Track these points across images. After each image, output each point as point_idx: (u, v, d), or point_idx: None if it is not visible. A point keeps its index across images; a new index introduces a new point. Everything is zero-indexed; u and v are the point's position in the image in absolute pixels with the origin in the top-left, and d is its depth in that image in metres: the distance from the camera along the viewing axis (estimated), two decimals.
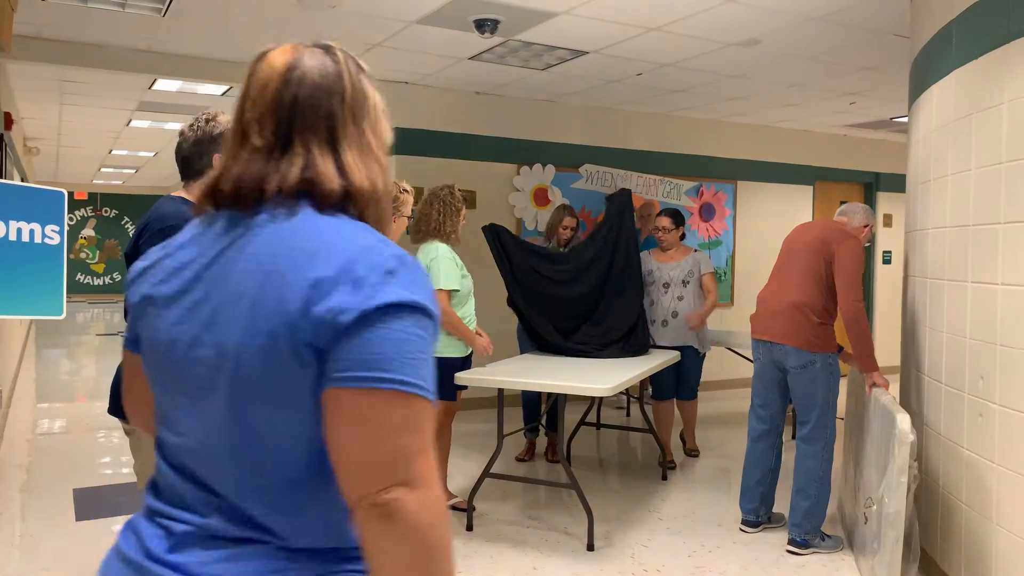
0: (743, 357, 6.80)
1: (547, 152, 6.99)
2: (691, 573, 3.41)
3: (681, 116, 7.60)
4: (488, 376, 3.79)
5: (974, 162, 2.90)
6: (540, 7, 4.37)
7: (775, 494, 3.87)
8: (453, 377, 3.83)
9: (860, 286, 3.52)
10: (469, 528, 3.85)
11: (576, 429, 5.34)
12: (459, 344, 3.87)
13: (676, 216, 5.01)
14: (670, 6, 4.32)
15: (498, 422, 3.94)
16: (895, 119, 7.54)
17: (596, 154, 7.23)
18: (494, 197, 6.77)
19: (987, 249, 2.79)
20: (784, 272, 3.70)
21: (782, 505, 3.93)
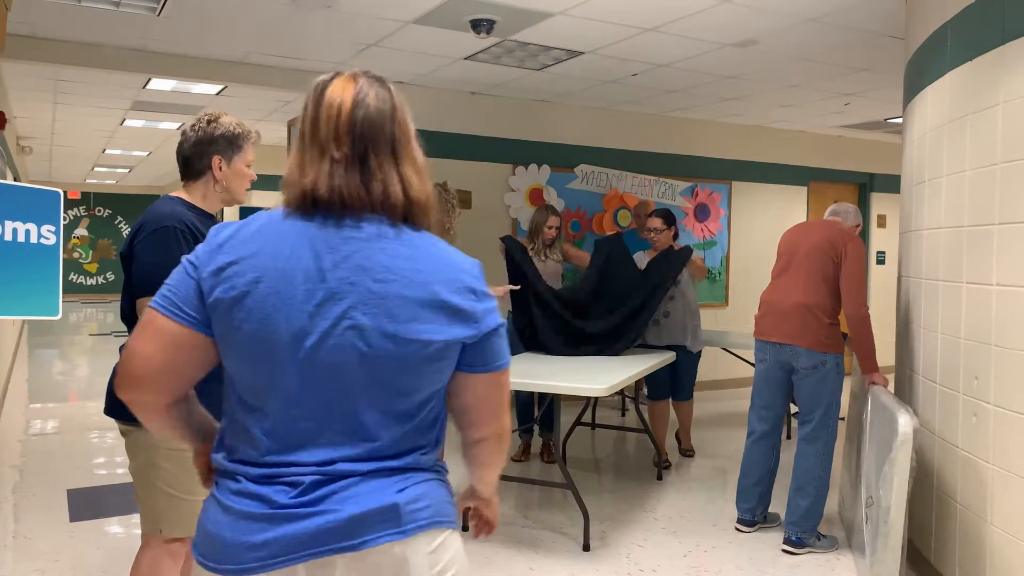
0: (738, 357, 6.82)
1: (542, 152, 7.00)
2: (686, 573, 3.41)
3: (676, 117, 7.62)
4: None
5: (969, 163, 2.91)
6: (536, 7, 4.37)
7: (772, 494, 3.88)
8: None
9: (865, 288, 3.55)
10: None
11: (572, 429, 5.34)
12: None
13: (667, 216, 5.01)
14: (666, 7, 4.33)
15: None
16: (889, 120, 7.57)
17: (591, 154, 7.23)
18: (489, 197, 6.77)
19: (982, 250, 2.80)
20: (789, 273, 3.67)
21: (777, 505, 3.94)
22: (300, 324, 1.18)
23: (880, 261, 8.95)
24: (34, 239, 2.09)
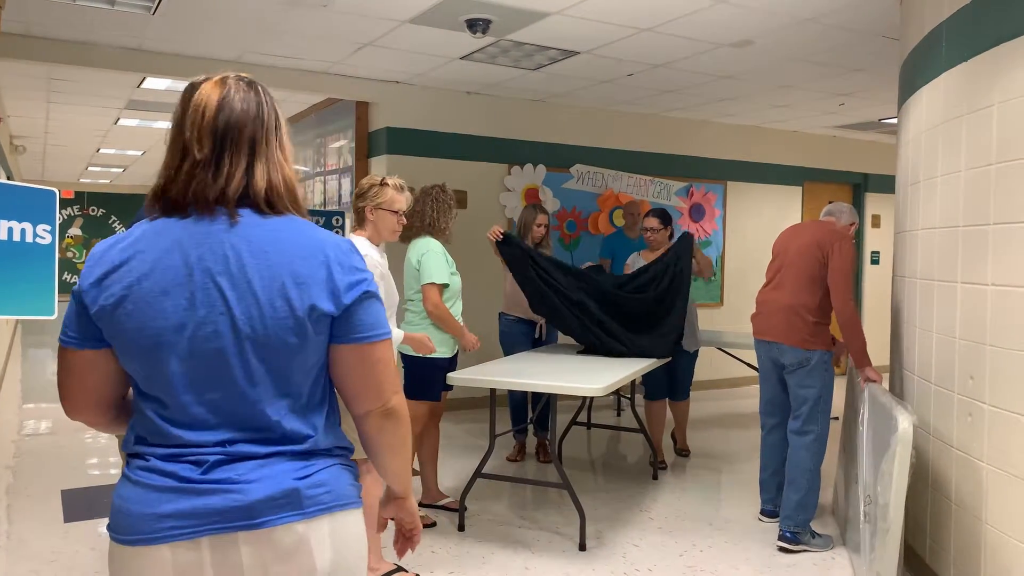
0: (733, 357, 6.84)
1: (538, 152, 7.00)
2: (682, 573, 3.41)
3: (672, 117, 7.62)
4: (479, 376, 3.78)
5: (964, 163, 2.92)
6: (532, 7, 4.37)
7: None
8: (439, 378, 3.82)
9: (852, 286, 3.62)
10: (461, 528, 3.85)
11: (567, 429, 5.34)
12: (448, 343, 3.86)
13: (664, 216, 4.99)
14: (662, 7, 4.33)
15: (490, 422, 3.94)
16: (883, 120, 7.59)
17: (587, 154, 7.23)
18: (485, 197, 6.77)
19: (977, 250, 2.81)
20: (779, 274, 3.80)
21: None
22: (177, 317, 1.27)
23: (874, 261, 8.97)
24: (29, 238, 2.07)
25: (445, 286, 3.81)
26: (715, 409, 6.93)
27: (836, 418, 3.85)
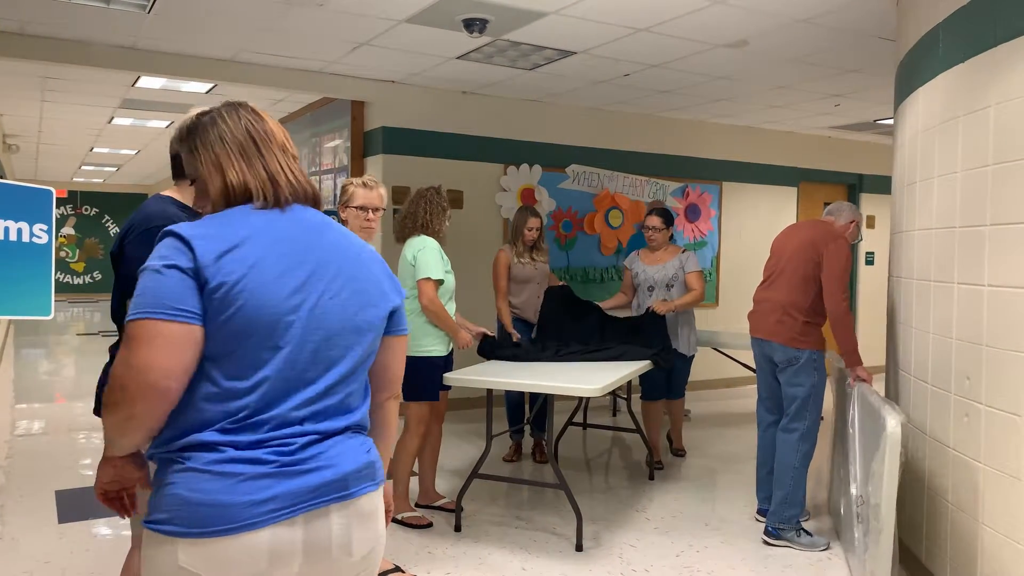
0: (728, 357, 6.84)
1: (534, 152, 6.99)
2: (679, 573, 3.41)
3: (668, 117, 7.63)
4: (476, 377, 3.78)
5: (960, 164, 2.92)
6: (530, 7, 4.36)
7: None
8: (436, 377, 3.81)
9: (846, 286, 3.62)
10: (457, 529, 3.84)
11: (563, 429, 5.34)
12: (443, 341, 3.85)
13: (666, 215, 4.97)
14: (659, 7, 4.33)
15: (487, 423, 3.93)
16: (879, 121, 7.61)
17: (583, 154, 7.23)
18: (481, 197, 6.76)
19: (973, 251, 2.82)
20: (774, 273, 3.83)
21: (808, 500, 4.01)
22: (294, 300, 1.36)
23: (869, 262, 8.99)
24: (26, 238, 2.06)
25: (440, 282, 3.81)
26: (711, 409, 6.94)
27: (822, 418, 3.88)
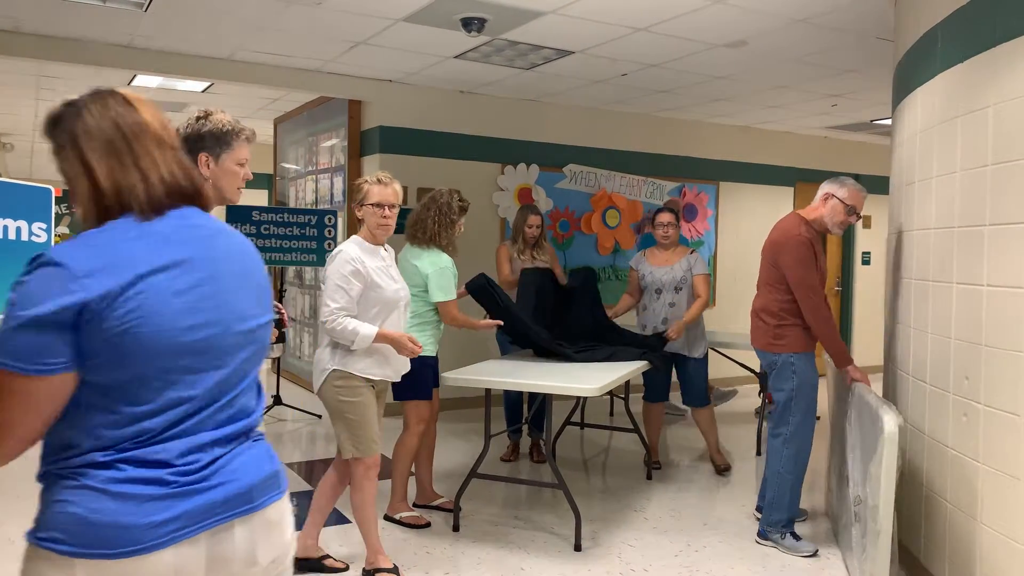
0: (726, 357, 6.84)
1: (531, 152, 6.99)
2: (678, 572, 3.41)
3: (665, 117, 7.63)
4: (475, 376, 3.77)
5: (960, 164, 2.93)
6: (528, 6, 4.36)
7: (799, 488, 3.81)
8: (429, 376, 3.81)
9: (814, 286, 3.49)
10: (455, 529, 3.83)
11: (561, 429, 5.34)
12: (434, 342, 3.85)
13: (676, 212, 4.85)
14: (657, 7, 4.33)
15: (485, 422, 3.93)
16: (875, 122, 7.63)
17: (580, 154, 7.23)
18: (478, 196, 6.75)
19: (972, 251, 2.82)
20: (758, 278, 3.82)
21: (807, 501, 3.99)
22: (192, 317, 1.30)
23: (865, 262, 9.01)
24: (25, 236, 2.05)
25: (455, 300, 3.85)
26: None
27: (818, 418, 3.85)
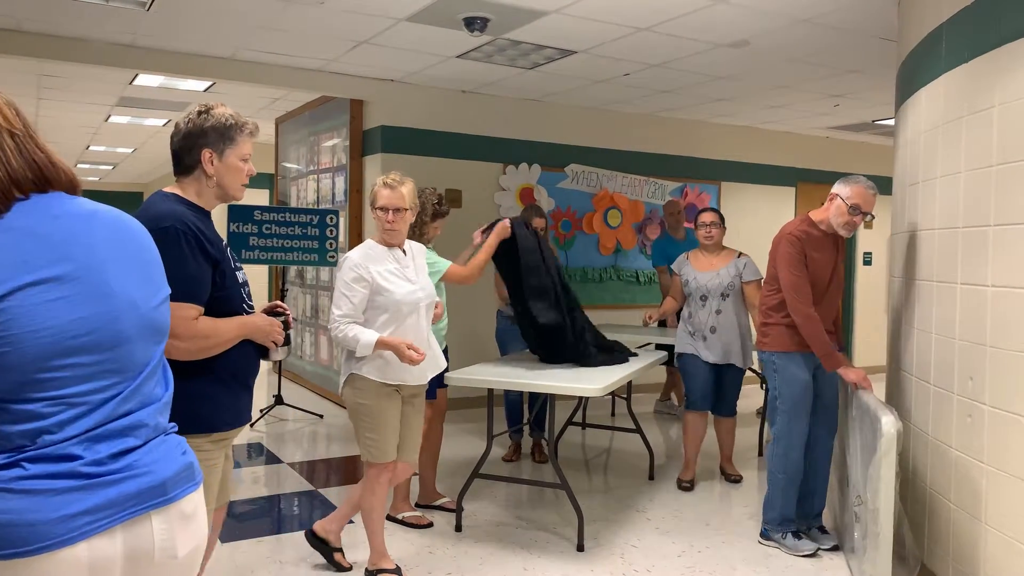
0: None
1: (533, 151, 6.98)
2: (681, 573, 3.41)
3: (667, 117, 7.63)
4: (477, 377, 3.76)
5: (964, 165, 2.92)
6: (530, 6, 4.35)
7: (814, 500, 3.75)
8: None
9: (795, 284, 3.45)
10: (458, 529, 3.83)
11: (563, 429, 5.33)
12: (438, 341, 3.84)
13: (718, 212, 4.60)
14: (660, 6, 4.32)
15: (488, 423, 3.92)
16: (877, 122, 7.62)
17: (582, 154, 7.23)
18: (480, 196, 6.75)
19: (977, 251, 2.81)
20: None
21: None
22: (82, 309, 1.26)
23: (867, 262, 9.00)
24: None
25: None
26: None
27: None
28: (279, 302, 2.35)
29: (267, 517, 4.06)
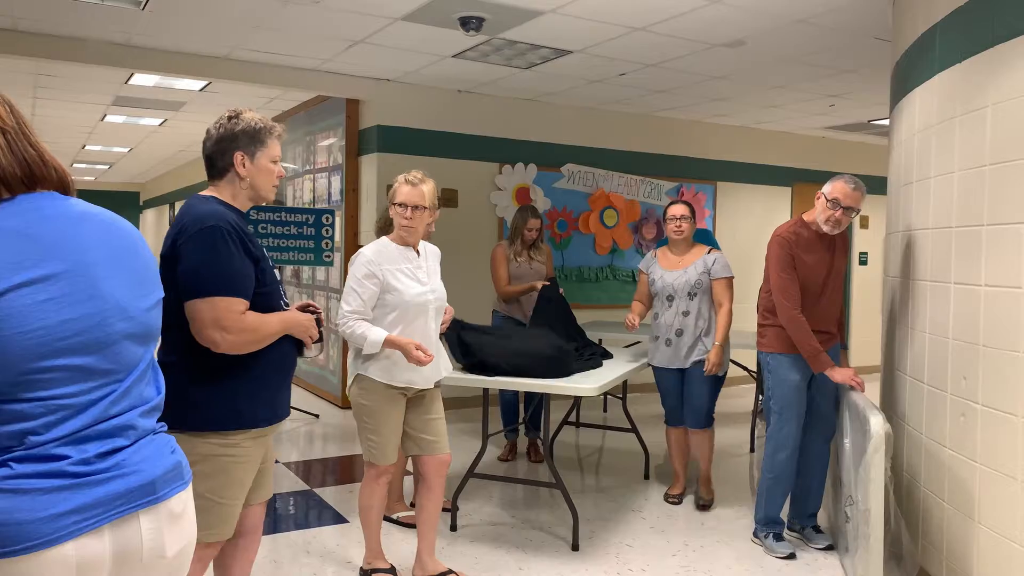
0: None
1: (529, 151, 6.99)
2: (676, 572, 3.41)
3: (663, 117, 7.63)
4: (472, 376, 3.76)
5: (958, 165, 2.93)
6: (526, 5, 4.35)
7: (809, 501, 3.75)
8: None
9: (781, 285, 3.46)
10: (453, 528, 3.83)
11: (559, 429, 5.34)
12: None
13: (690, 204, 4.23)
14: (656, 6, 4.33)
15: (483, 422, 3.92)
16: (873, 122, 7.63)
17: (578, 154, 7.23)
18: (476, 196, 6.75)
19: (970, 250, 2.82)
20: None
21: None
22: (72, 310, 1.26)
23: (863, 262, 9.02)
24: None
25: None
26: None
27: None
28: (311, 301, 2.41)
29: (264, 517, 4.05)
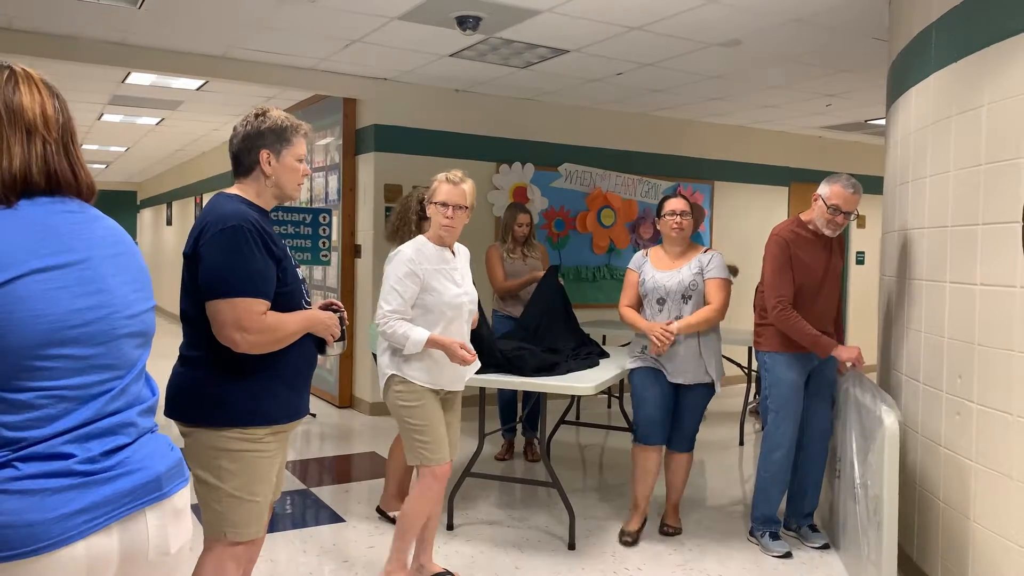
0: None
1: (526, 151, 6.99)
2: (672, 571, 3.41)
3: (660, 116, 7.64)
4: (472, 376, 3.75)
5: (953, 164, 2.93)
6: (523, 4, 4.35)
7: (805, 500, 3.74)
8: None
9: (776, 286, 3.47)
10: (450, 527, 3.83)
11: (556, 428, 5.34)
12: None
13: (688, 200, 3.84)
14: (653, 5, 4.33)
15: (479, 421, 3.93)
16: (870, 122, 7.64)
17: (575, 153, 7.23)
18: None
19: (966, 250, 2.82)
20: None
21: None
22: (76, 303, 1.28)
23: (860, 261, 9.03)
24: None
25: None
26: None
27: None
28: (334, 300, 2.41)
29: None
